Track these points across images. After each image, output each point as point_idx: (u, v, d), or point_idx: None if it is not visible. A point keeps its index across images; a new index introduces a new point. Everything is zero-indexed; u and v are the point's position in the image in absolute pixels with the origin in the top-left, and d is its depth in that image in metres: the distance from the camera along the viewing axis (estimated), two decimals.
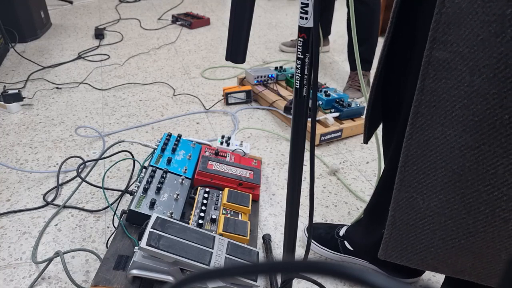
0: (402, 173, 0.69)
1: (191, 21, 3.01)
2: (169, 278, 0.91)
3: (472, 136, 0.60)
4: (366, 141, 0.93)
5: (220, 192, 1.22)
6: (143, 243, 0.87)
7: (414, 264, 0.74)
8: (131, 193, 1.17)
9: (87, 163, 1.51)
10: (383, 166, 1.00)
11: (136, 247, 0.91)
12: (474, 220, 0.64)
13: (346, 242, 1.13)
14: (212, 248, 0.95)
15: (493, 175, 0.60)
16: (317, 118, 1.69)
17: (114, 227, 1.13)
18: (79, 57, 2.49)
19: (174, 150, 1.34)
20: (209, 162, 1.31)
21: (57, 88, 2.12)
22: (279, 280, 1.06)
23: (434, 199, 0.67)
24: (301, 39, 0.64)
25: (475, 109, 0.58)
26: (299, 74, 0.66)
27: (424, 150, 0.66)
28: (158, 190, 1.14)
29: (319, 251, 1.16)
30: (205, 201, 1.15)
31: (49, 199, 1.37)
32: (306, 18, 0.61)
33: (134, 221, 1.07)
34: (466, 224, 0.65)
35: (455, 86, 0.60)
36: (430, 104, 0.63)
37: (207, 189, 1.21)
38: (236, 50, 0.68)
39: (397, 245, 0.74)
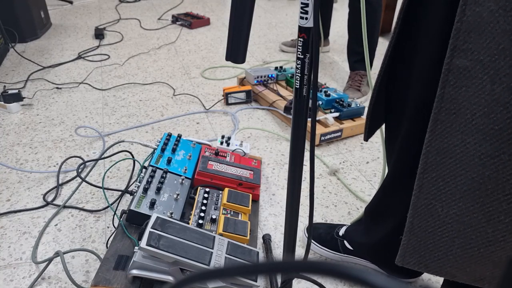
0: (421, 179, 0.69)
1: (191, 21, 3.01)
2: (169, 278, 0.91)
3: (492, 145, 0.60)
4: (366, 138, 0.93)
5: (220, 192, 1.22)
6: (143, 243, 0.87)
7: (432, 271, 0.73)
8: (131, 193, 1.17)
9: (87, 163, 1.51)
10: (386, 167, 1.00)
11: (136, 247, 0.91)
12: (494, 229, 0.64)
13: (345, 242, 1.13)
14: (212, 248, 0.95)
15: None
16: (317, 118, 1.69)
17: (114, 227, 1.13)
18: (79, 57, 2.49)
19: (174, 150, 1.34)
20: (209, 162, 1.31)
21: (57, 88, 2.12)
22: (279, 280, 1.06)
23: (453, 207, 0.66)
24: (301, 39, 0.64)
25: (495, 118, 0.58)
26: (299, 74, 0.66)
27: (444, 157, 0.65)
28: (158, 190, 1.14)
29: (319, 251, 1.16)
30: (205, 201, 1.15)
31: (49, 199, 1.37)
32: (306, 18, 0.61)
33: (134, 221, 1.07)
34: (486, 233, 0.65)
35: (476, 94, 0.59)
36: (450, 111, 0.63)
37: (207, 189, 1.21)
38: (236, 50, 0.68)
39: (415, 252, 0.74)
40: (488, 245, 0.65)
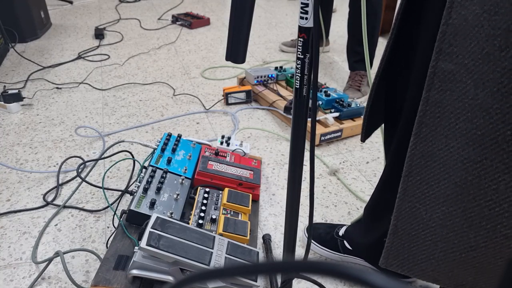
0: (405, 182, 0.69)
1: (191, 21, 3.01)
2: (169, 278, 0.91)
3: (474, 150, 0.59)
4: (363, 139, 0.93)
5: (220, 192, 1.22)
6: (143, 243, 0.87)
7: (415, 274, 0.73)
8: (131, 193, 1.17)
9: (87, 163, 1.51)
10: None
11: (136, 247, 0.91)
12: (476, 235, 0.63)
13: (345, 242, 1.13)
14: (212, 248, 0.95)
15: (495, 191, 0.59)
16: (317, 118, 1.69)
17: (114, 227, 1.13)
18: (79, 57, 2.49)
19: (174, 150, 1.34)
20: (209, 162, 1.31)
21: (57, 88, 2.12)
22: (279, 280, 1.06)
23: (436, 211, 0.66)
24: (301, 39, 0.64)
25: (478, 123, 0.58)
26: (299, 74, 0.66)
27: (428, 160, 0.65)
28: (158, 190, 1.14)
29: (319, 251, 1.17)
30: (205, 201, 1.15)
31: (49, 199, 1.37)
32: (306, 18, 0.61)
33: (134, 221, 1.07)
34: (468, 238, 0.64)
35: (460, 98, 0.59)
36: (435, 115, 0.62)
37: (207, 189, 1.21)
38: (236, 50, 0.68)
39: (399, 254, 0.74)
40: (470, 250, 0.65)
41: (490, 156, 0.58)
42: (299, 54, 0.65)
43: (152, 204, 1.08)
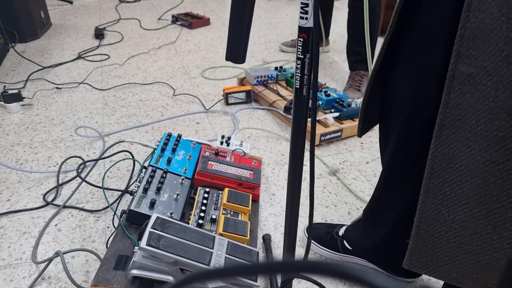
0: (427, 184, 0.69)
1: (191, 21, 3.01)
2: (169, 278, 0.91)
3: (497, 151, 0.60)
4: (360, 134, 0.93)
5: (220, 192, 1.22)
6: (143, 243, 0.87)
7: (439, 276, 0.73)
8: (131, 193, 1.17)
9: (87, 163, 1.51)
10: None
11: (136, 247, 0.91)
12: (499, 236, 0.64)
13: (345, 242, 1.13)
14: (212, 248, 0.95)
15: None
16: (317, 118, 1.69)
17: (114, 227, 1.13)
18: (79, 57, 2.49)
19: (174, 150, 1.34)
20: (209, 162, 1.31)
21: (57, 88, 2.12)
22: (279, 280, 1.06)
23: (459, 212, 0.66)
24: (301, 39, 0.64)
25: (500, 124, 0.58)
26: (299, 74, 0.66)
27: (450, 163, 0.65)
28: (158, 190, 1.14)
29: (319, 251, 1.17)
30: (205, 201, 1.15)
31: (49, 199, 1.37)
32: (306, 18, 0.61)
33: (134, 221, 1.07)
34: (491, 239, 0.65)
35: (480, 100, 0.60)
36: (455, 117, 0.63)
37: (207, 189, 1.21)
38: (236, 50, 0.68)
39: (422, 256, 0.74)
40: (494, 252, 0.65)
41: None
42: (299, 54, 0.65)
43: (152, 204, 1.08)
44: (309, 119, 0.72)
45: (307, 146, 1.43)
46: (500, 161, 0.60)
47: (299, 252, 1.17)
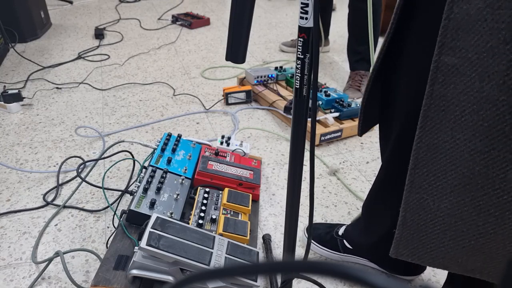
0: (412, 175, 0.70)
1: (191, 21, 3.01)
2: (169, 278, 0.91)
3: (481, 141, 0.60)
4: (360, 133, 0.93)
5: (220, 192, 1.22)
6: (143, 243, 0.87)
7: (425, 262, 0.75)
8: (131, 193, 1.17)
9: (87, 163, 1.51)
10: None
11: (136, 247, 0.91)
12: (484, 222, 0.65)
13: (345, 241, 1.13)
14: (212, 248, 0.95)
15: (503, 180, 0.61)
16: (317, 118, 1.69)
17: (114, 227, 1.13)
18: (79, 57, 2.49)
19: (174, 150, 1.34)
20: (209, 162, 1.31)
21: (57, 88, 2.12)
22: (279, 280, 1.06)
23: (444, 201, 0.67)
24: (301, 39, 0.64)
25: (485, 114, 0.59)
26: (299, 74, 0.66)
27: (434, 153, 0.66)
28: (158, 190, 1.14)
29: (319, 251, 1.17)
30: (205, 201, 1.15)
31: (49, 199, 1.37)
32: (306, 18, 0.61)
33: (134, 221, 1.07)
34: (476, 225, 0.66)
35: (464, 91, 0.60)
36: (439, 108, 0.63)
37: (207, 189, 1.21)
38: (236, 50, 0.68)
39: (408, 244, 0.75)
40: (479, 237, 0.67)
41: (497, 146, 0.59)
42: (299, 54, 0.65)
43: (152, 204, 1.08)
44: (309, 119, 0.72)
45: (307, 146, 1.43)
46: (485, 150, 0.60)
47: (299, 252, 1.17)
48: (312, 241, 1.17)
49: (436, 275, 1.12)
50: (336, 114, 1.73)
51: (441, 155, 0.65)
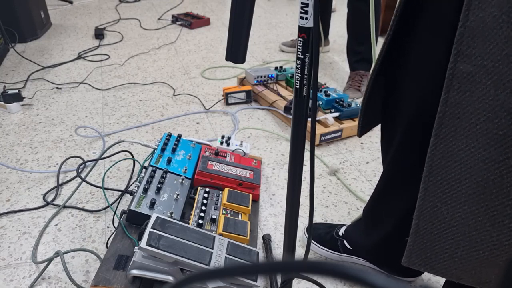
0: (426, 182, 0.69)
1: (191, 21, 3.01)
2: (169, 278, 0.91)
3: (496, 149, 0.60)
4: (360, 134, 0.93)
5: (220, 192, 1.22)
6: (143, 243, 0.87)
7: (438, 273, 0.74)
8: (131, 193, 1.17)
9: (87, 163, 1.51)
10: None
11: (136, 247, 0.91)
12: (498, 233, 0.64)
13: (345, 242, 1.13)
14: (212, 248, 0.95)
15: None
16: (317, 118, 1.69)
17: (114, 227, 1.13)
18: (79, 57, 2.49)
19: (174, 150, 1.34)
20: (209, 162, 1.31)
21: (57, 88, 2.12)
22: (279, 280, 1.06)
23: (458, 210, 0.67)
24: (301, 39, 0.64)
25: (500, 123, 0.59)
26: (299, 74, 0.66)
27: (449, 161, 0.66)
28: (158, 190, 1.14)
29: (319, 251, 1.17)
30: (205, 201, 1.15)
31: (49, 199, 1.37)
32: (306, 18, 0.61)
33: (134, 221, 1.07)
34: (490, 236, 0.65)
35: (480, 99, 0.60)
36: (454, 116, 0.63)
37: (207, 189, 1.21)
38: (236, 50, 0.68)
39: (421, 253, 0.74)
40: (493, 249, 0.65)
41: None
42: (299, 54, 0.65)
43: (152, 204, 1.08)
44: (309, 119, 0.72)
45: (307, 146, 1.43)
46: (499, 159, 0.60)
47: (299, 252, 1.17)
48: (312, 241, 1.17)
49: (436, 275, 1.12)
50: (336, 114, 1.73)
51: (456, 163, 0.65)
